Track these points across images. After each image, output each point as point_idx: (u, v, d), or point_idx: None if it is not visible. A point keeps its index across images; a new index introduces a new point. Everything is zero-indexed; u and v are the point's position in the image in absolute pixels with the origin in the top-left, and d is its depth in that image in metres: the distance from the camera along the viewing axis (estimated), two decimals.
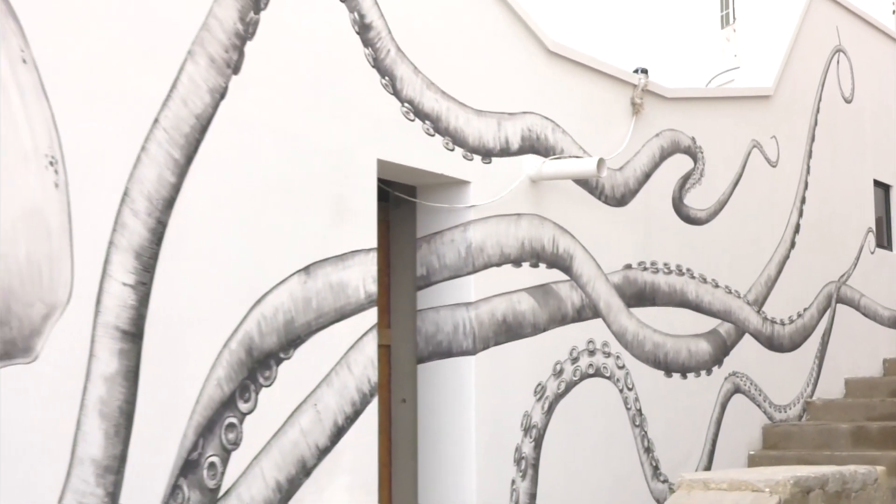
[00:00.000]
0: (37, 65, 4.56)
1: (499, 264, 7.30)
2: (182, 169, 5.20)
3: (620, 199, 8.53)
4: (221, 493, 5.32)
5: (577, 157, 7.89)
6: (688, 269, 9.31)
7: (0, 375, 4.37)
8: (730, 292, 9.89)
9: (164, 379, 5.07)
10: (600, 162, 7.55)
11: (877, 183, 12.52)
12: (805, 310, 11.10)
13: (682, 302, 9.23)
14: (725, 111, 10.04)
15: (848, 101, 12.14)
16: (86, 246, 4.75)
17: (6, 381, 4.40)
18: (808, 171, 11.26)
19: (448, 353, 7.08)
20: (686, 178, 9.34)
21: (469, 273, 7.10)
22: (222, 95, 5.40)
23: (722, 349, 9.75)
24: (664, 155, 9.06)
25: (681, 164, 9.27)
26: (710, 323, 9.59)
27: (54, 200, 4.64)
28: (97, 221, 4.82)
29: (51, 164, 4.62)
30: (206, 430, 5.27)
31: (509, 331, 7.37)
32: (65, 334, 4.64)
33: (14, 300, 4.45)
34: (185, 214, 5.19)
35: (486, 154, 7.21)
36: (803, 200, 11.14)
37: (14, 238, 4.45)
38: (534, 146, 7.62)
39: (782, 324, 10.73)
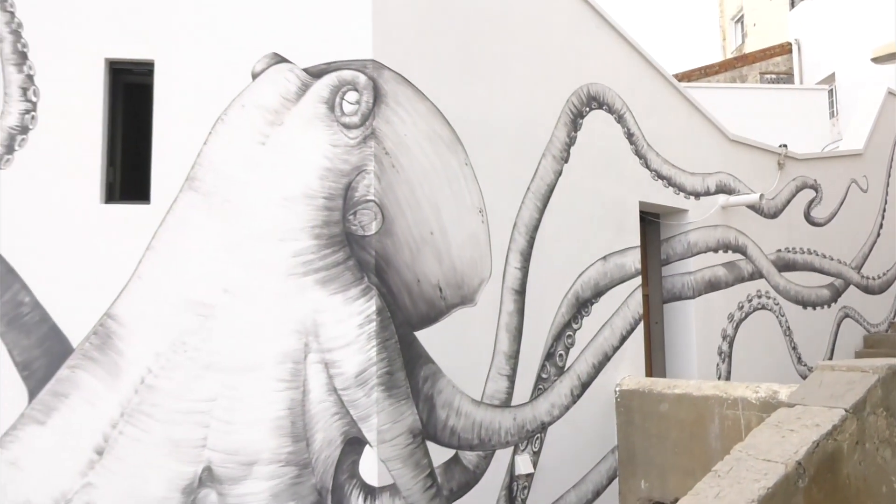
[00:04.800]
0: (473, 166, 4.75)
1: (705, 252, 6.96)
2: (541, 211, 5.26)
3: (773, 215, 7.91)
4: (565, 369, 5.35)
5: (748, 194, 7.39)
6: (814, 251, 8.52)
7: (463, 311, 4.56)
8: (840, 262, 8.97)
9: (536, 312, 5.13)
10: (761, 196, 7.11)
11: None
12: (887, 271, 9.90)
13: (811, 268, 8.46)
14: (834, 164, 9.10)
15: None
16: (497, 250, 4.88)
17: (463, 316, 4.57)
18: (886, 194, 10.03)
19: (680, 298, 6.81)
20: (811, 202, 8.55)
21: (689, 257, 6.80)
22: (559, 174, 5.43)
23: (836, 294, 8.86)
24: (798, 190, 8.33)
25: (808, 194, 8.50)
26: (828, 279, 8.74)
27: (482, 230, 4.78)
28: (502, 238, 4.93)
29: (479, 212, 4.78)
30: (557, 337, 5.31)
31: (712, 286, 7.00)
32: (489, 292, 4.78)
33: (466, 277, 4.64)
34: (543, 233, 5.25)
35: (697, 195, 6.87)
36: (884, 210, 9.94)
37: (464, 248, 4.64)
38: (723, 189, 7.19)
39: (873, 279, 9.62)
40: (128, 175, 4.27)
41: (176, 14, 4.18)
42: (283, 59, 4.17)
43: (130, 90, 4.30)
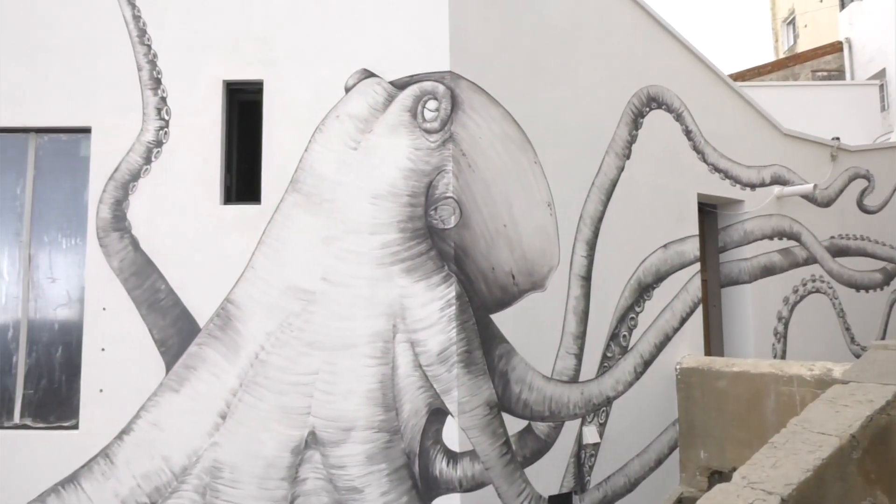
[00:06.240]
0: (542, 165, 4.67)
1: (760, 239, 6.61)
2: (605, 203, 5.13)
3: (827, 203, 7.44)
4: (629, 348, 5.20)
5: (802, 184, 6.96)
6: (866, 237, 7.96)
7: (534, 296, 4.51)
8: (892, 247, 8.34)
9: (601, 297, 5.02)
10: (815, 186, 6.71)
11: None
12: None
13: (864, 253, 7.92)
14: (885, 155, 8.47)
15: None
16: (564, 240, 4.80)
17: (534, 300, 4.52)
18: None
19: (736, 282, 6.51)
20: (863, 190, 7.99)
21: (746, 244, 6.48)
22: (621, 169, 5.28)
23: (888, 277, 8.26)
24: (850, 179, 7.80)
25: (860, 184, 7.95)
26: (880, 264, 8.15)
27: (550, 222, 4.71)
28: (569, 229, 4.84)
29: (548, 205, 4.70)
30: (621, 319, 5.17)
31: (768, 271, 6.65)
32: (557, 279, 4.70)
33: (536, 265, 4.58)
34: (607, 224, 5.11)
35: (752, 186, 6.53)
36: None
37: (534, 238, 4.59)
38: (778, 180, 6.81)
39: None
40: (242, 179, 4.41)
41: (280, 41, 4.29)
42: (371, 74, 4.22)
43: (243, 106, 4.44)
